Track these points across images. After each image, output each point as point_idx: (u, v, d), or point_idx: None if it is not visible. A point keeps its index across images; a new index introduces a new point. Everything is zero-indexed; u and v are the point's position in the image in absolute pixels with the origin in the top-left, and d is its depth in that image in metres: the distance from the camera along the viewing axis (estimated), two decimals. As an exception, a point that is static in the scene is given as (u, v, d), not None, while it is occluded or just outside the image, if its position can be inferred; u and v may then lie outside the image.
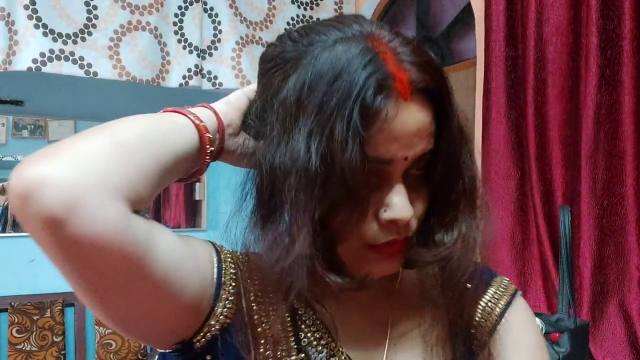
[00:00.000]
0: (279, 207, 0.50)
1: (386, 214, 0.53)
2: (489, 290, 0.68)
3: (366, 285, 0.56)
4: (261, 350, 0.57)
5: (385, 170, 0.52)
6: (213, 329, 0.56)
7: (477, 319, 0.66)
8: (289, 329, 0.59)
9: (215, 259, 0.59)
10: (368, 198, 0.52)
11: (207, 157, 0.57)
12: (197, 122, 0.55)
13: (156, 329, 0.54)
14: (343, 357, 0.60)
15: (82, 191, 0.43)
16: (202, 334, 0.56)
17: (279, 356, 0.57)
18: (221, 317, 0.56)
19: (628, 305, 1.43)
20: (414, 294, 0.67)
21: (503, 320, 0.66)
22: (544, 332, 1.26)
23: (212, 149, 0.57)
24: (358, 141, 0.47)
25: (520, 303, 0.69)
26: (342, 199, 0.49)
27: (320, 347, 0.59)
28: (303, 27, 0.56)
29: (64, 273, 0.47)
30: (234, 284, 0.58)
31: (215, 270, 0.58)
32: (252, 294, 0.59)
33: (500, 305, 0.67)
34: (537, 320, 1.26)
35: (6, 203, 2.98)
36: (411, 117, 0.50)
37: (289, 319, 0.59)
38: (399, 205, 0.52)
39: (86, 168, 0.44)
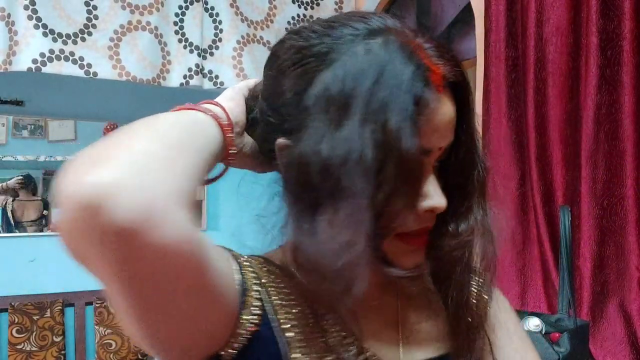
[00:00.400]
0: (332, 200, 0.49)
1: (425, 203, 0.55)
2: (474, 278, 0.71)
3: (419, 276, 0.59)
4: (294, 355, 0.56)
5: (422, 161, 0.54)
6: (240, 337, 0.54)
7: (473, 308, 0.69)
8: (316, 331, 0.58)
9: (234, 265, 0.56)
10: (421, 187, 0.54)
11: (230, 158, 0.56)
12: (219, 120, 0.54)
13: (193, 342, 0.50)
14: (369, 354, 0.60)
15: (153, 197, 0.39)
16: (229, 345, 0.53)
17: (313, 359, 0.56)
18: (249, 325, 0.54)
19: (628, 305, 1.43)
20: (418, 290, 0.68)
21: (490, 306, 0.70)
22: (544, 332, 1.26)
23: (234, 149, 0.56)
24: (414, 131, 0.49)
25: (496, 288, 0.73)
26: (397, 189, 0.50)
27: (348, 346, 0.59)
28: (325, 20, 0.57)
29: (115, 286, 0.43)
30: (256, 288, 0.56)
31: (238, 276, 0.55)
32: (276, 298, 0.57)
33: (485, 291, 0.71)
34: (537, 320, 1.26)
35: (4, 203, 2.98)
36: (445, 109, 0.53)
37: (312, 321, 0.58)
38: (436, 194, 0.55)
39: (150, 172, 0.40)
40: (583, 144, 1.45)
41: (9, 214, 2.96)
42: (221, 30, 2.44)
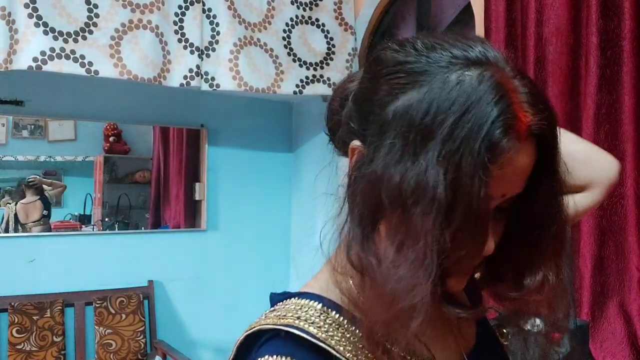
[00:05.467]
0: (397, 226, 0.50)
1: None
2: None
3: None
4: None
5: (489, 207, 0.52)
6: None
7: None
8: None
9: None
10: (487, 235, 0.52)
11: None
12: None
13: None
14: None
15: None
16: None
17: None
18: None
19: (628, 305, 1.43)
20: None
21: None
22: (544, 332, 1.26)
23: None
24: (485, 177, 0.47)
25: None
26: (463, 233, 0.49)
27: None
28: (430, 39, 0.55)
29: None
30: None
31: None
32: (349, 355, 0.55)
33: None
34: (537, 320, 1.26)
35: (8, 205, 2.99)
36: (521, 160, 0.50)
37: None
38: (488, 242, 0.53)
39: None
40: (583, 144, 1.45)
41: (11, 217, 2.97)
42: (218, 33, 2.44)
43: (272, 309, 0.59)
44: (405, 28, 2.66)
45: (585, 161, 0.65)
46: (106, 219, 3.21)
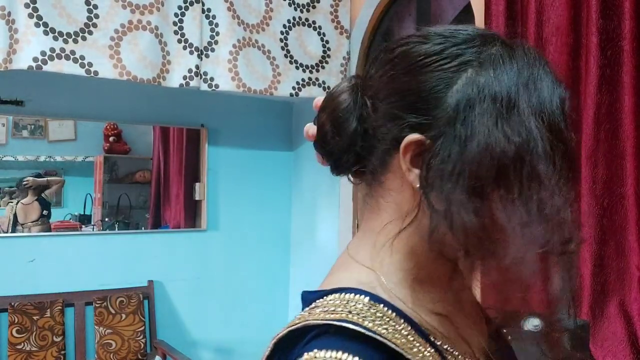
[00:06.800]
0: (536, 188, 0.52)
1: None
2: None
3: None
4: None
5: None
6: None
7: None
8: None
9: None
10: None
11: None
12: None
13: None
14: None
15: None
16: None
17: None
18: None
19: (628, 305, 1.43)
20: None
21: None
22: (544, 332, 1.26)
23: None
24: (570, 127, 0.54)
25: None
26: (564, 178, 0.53)
27: None
28: (446, 28, 0.58)
29: None
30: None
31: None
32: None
33: None
34: (537, 320, 1.26)
35: (9, 204, 2.99)
36: None
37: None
38: None
39: None
40: (583, 144, 1.45)
41: (11, 218, 2.96)
42: (217, 33, 2.44)
43: (312, 306, 0.55)
44: (405, 28, 2.66)
45: None
46: (106, 219, 3.21)
